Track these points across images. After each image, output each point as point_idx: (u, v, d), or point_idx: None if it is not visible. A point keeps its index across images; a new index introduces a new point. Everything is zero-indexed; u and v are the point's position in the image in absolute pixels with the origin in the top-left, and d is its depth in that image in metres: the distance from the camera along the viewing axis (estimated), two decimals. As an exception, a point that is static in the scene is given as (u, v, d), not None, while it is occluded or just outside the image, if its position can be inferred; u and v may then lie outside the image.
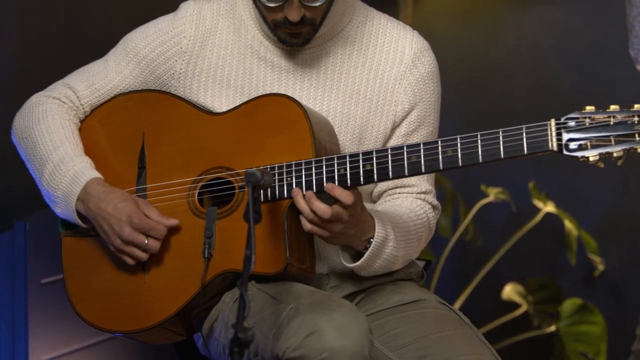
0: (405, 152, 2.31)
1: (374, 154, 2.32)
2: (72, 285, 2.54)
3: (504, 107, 4.59)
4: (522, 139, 2.22)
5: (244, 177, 2.31)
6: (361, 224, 2.37)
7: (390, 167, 2.32)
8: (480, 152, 2.25)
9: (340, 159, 2.34)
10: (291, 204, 2.37)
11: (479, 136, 2.25)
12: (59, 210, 2.51)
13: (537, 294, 4.43)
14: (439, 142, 2.28)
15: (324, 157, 2.35)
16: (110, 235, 2.45)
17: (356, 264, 2.42)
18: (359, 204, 2.35)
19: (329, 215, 2.29)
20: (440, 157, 2.28)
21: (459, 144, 2.26)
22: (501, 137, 2.23)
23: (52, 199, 2.51)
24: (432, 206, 2.57)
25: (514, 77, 4.63)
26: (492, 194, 4.39)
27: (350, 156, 2.34)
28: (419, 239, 2.52)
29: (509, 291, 4.42)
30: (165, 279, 2.46)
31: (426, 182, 2.57)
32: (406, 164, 2.31)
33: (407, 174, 2.32)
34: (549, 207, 4.34)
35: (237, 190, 2.44)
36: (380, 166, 2.32)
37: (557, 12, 4.53)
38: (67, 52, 3.67)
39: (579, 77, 4.42)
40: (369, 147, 2.52)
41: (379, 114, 2.54)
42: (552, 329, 4.32)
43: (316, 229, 2.33)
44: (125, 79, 2.59)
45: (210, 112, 2.53)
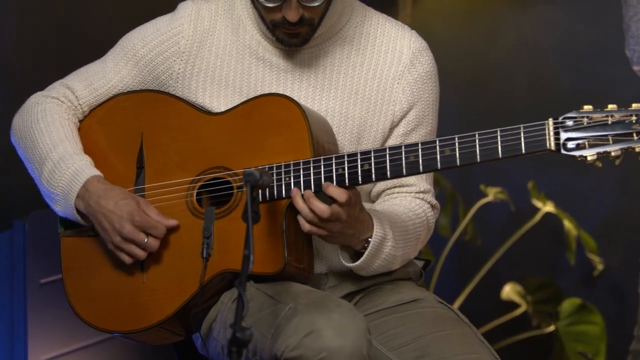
0: (403, 152, 2.31)
1: (372, 154, 2.32)
2: (70, 285, 2.54)
3: (504, 107, 4.59)
4: (520, 139, 2.22)
5: (242, 177, 2.31)
6: (359, 224, 2.37)
7: (388, 166, 2.32)
8: (478, 151, 2.25)
9: (338, 158, 2.34)
10: (289, 203, 2.37)
11: (476, 136, 2.25)
12: (58, 208, 2.51)
13: (537, 294, 4.42)
14: (437, 142, 2.28)
15: (322, 157, 2.35)
16: (109, 232, 2.45)
17: (355, 264, 2.42)
18: (358, 204, 2.35)
19: (328, 214, 2.29)
20: (438, 157, 2.28)
21: (456, 144, 2.26)
22: (499, 137, 2.23)
23: (51, 197, 2.51)
24: (431, 205, 2.57)
25: (514, 77, 4.62)
26: (492, 193, 4.39)
27: (348, 156, 2.34)
28: (417, 239, 2.52)
29: (508, 291, 4.41)
30: (163, 279, 2.46)
31: (425, 182, 2.56)
32: (404, 163, 2.31)
33: (405, 174, 2.32)
34: (548, 207, 4.33)
35: (235, 190, 2.44)
36: (378, 166, 2.32)
37: (557, 12, 4.52)
38: (66, 52, 3.67)
39: (579, 77, 4.42)
40: (367, 147, 2.51)
41: (377, 114, 2.54)
42: (552, 328, 4.31)
43: (315, 229, 2.33)
44: (123, 79, 2.59)
45: (208, 112, 2.53)
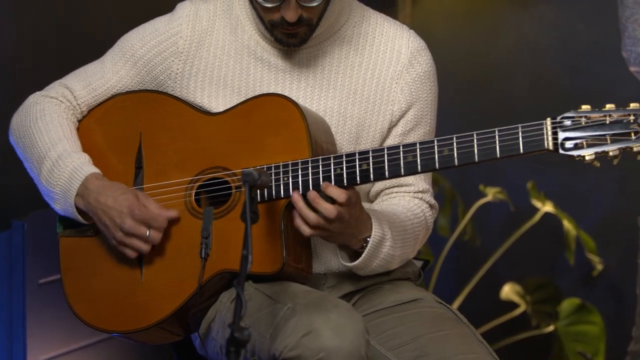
0: (401, 152, 2.31)
1: (370, 154, 2.32)
2: (69, 285, 2.54)
3: (504, 107, 4.59)
4: (518, 138, 2.22)
5: (240, 177, 2.31)
6: (359, 224, 2.37)
7: (386, 166, 2.32)
8: (476, 151, 2.25)
9: (336, 158, 2.34)
10: (288, 203, 2.37)
11: (474, 135, 2.25)
12: (58, 206, 2.51)
13: (536, 294, 4.42)
14: (435, 142, 2.28)
15: (321, 157, 2.35)
16: (111, 228, 2.45)
17: (354, 264, 2.42)
18: (358, 204, 2.35)
19: (335, 214, 2.29)
20: (436, 157, 2.28)
21: (454, 144, 2.26)
22: (497, 137, 2.23)
23: (51, 195, 2.51)
24: (430, 205, 2.57)
25: (514, 77, 4.62)
26: (491, 193, 4.38)
27: (346, 156, 2.34)
28: (416, 238, 2.52)
29: (508, 291, 4.41)
30: (162, 278, 2.46)
31: (423, 181, 2.56)
32: (402, 163, 2.31)
33: (403, 174, 2.32)
34: (548, 207, 4.33)
35: (234, 190, 2.44)
36: (376, 166, 2.32)
37: (557, 12, 4.52)
38: (66, 52, 3.67)
39: (579, 77, 4.41)
40: (366, 147, 2.51)
41: (375, 114, 2.54)
42: (551, 328, 4.31)
43: (317, 232, 2.33)
44: (122, 79, 2.59)
45: (207, 112, 2.53)
